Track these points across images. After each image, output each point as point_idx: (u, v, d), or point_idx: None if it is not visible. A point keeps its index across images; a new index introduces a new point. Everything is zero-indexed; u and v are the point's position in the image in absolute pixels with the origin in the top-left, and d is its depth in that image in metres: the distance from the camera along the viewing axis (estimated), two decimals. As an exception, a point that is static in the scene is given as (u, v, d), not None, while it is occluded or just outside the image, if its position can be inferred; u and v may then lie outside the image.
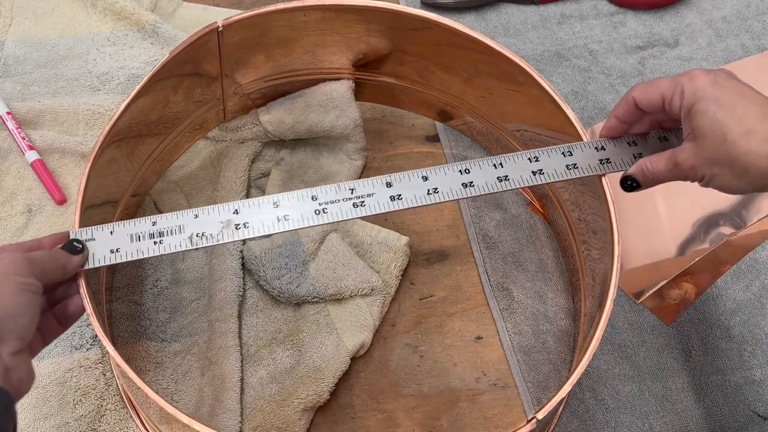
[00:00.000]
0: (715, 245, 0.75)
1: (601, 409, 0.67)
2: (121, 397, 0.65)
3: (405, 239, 0.71)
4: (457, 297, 0.71)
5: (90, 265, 0.53)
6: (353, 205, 0.56)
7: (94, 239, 0.53)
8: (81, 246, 0.52)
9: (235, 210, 0.55)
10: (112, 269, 0.69)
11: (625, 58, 0.87)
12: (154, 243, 0.54)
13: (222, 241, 0.54)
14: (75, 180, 0.75)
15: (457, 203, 0.76)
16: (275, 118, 0.75)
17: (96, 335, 0.66)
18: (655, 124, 0.59)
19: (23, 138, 0.75)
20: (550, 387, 0.67)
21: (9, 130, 0.76)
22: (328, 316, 0.68)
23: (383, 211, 0.56)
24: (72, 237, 0.53)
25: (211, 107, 0.74)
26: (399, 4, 0.75)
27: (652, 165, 0.55)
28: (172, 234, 0.54)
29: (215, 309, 0.68)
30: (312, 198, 0.56)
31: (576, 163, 0.58)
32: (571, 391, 0.54)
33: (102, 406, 0.64)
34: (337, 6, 0.67)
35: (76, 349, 0.66)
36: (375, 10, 0.68)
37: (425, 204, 0.56)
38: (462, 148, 0.80)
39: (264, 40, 0.70)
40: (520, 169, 0.58)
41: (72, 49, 0.83)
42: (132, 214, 0.72)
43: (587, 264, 0.67)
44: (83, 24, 0.85)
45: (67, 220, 0.73)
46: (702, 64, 0.87)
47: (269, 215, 0.55)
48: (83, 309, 0.52)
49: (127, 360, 0.55)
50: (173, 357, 0.67)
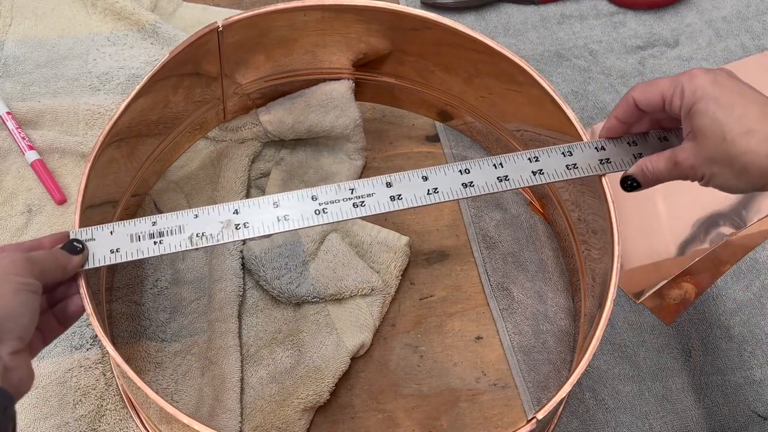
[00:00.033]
0: (715, 245, 0.75)
1: (601, 409, 0.67)
2: (121, 397, 0.65)
3: (405, 239, 0.71)
4: (457, 297, 0.71)
5: (90, 265, 0.53)
6: (353, 205, 0.56)
7: (94, 239, 0.53)
8: (81, 246, 0.52)
9: (235, 210, 0.55)
10: (112, 269, 0.69)
11: (625, 58, 0.87)
12: (154, 243, 0.54)
13: (222, 241, 0.54)
14: (75, 180, 0.75)
15: (457, 203, 0.76)
16: (275, 118, 0.75)
17: (96, 335, 0.66)
18: (655, 124, 0.59)
19: (23, 138, 0.75)
20: (550, 387, 0.67)
21: (9, 130, 0.76)
22: (328, 316, 0.68)
23: (383, 211, 0.56)
24: (72, 237, 0.53)
25: (211, 107, 0.74)
26: (399, 4, 0.75)
27: (652, 165, 0.55)
28: (172, 234, 0.54)
29: (215, 309, 0.68)
30: (312, 198, 0.56)
31: (576, 163, 0.58)
32: (571, 391, 0.54)
33: (102, 406, 0.64)
34: (337, 6, 0.67)
35: (76, 349, 0.66)
36: (375, 10, 0.68)
37: (425, 204, 0.56)
38: (462, 148, 0.80)
39: (264, 40, 0.70)
40: (520, 169, 0.58)
41: (72, 49, 0.83)
42: (132, 214, 0.72)
43: (587, 264, 0.67)
44: (83, 24, 0.85)
45: (67, 220, 0.73)
46: (702, 64, 0.87)
47: (269, 215, 0.55)
48: (83, 309, 0.52)
49: (127, 360, 0.55)
50: (173, 357, 0.67)
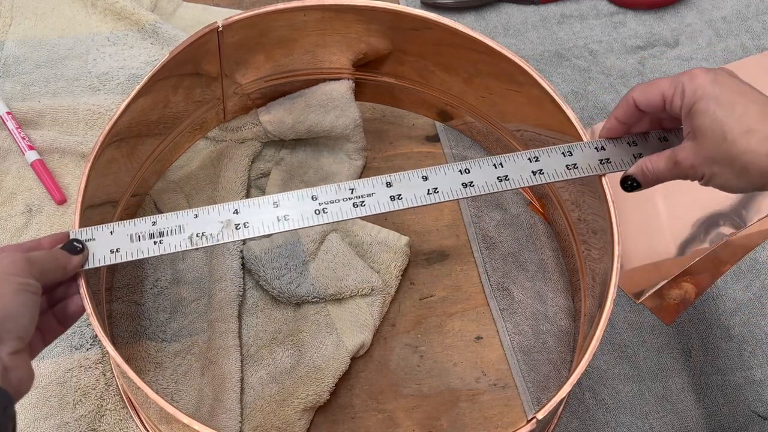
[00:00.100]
0: (715, 245, 0.75)
1: (601, 409, 0.67)
2: (121, 397, 0.65)
3: (405, 239, 0.71)
4: (457, 297, 0.71)
5: (90, 265, 0.53)
6: (353, 205, 0.56)
7: (94, 239, 0.53)
8: (81, 246, 0.52)
9: (235, 210, 0.55)
10: (112, 269, 0.69)
11: (625, 58, 0.87)
12: (154, 243, 0.54)
13: (222, 241, 0.54)
14: (75, 180, 0.75)
15: (457, 203, 0.76)
16: (275, 118, 0.75)
17: (96, 335, 0.66)
18: (655, 124, 0.59)
19: (23, 138, 0.75)
20: (550, 387, 0.67)
21: (9, 130, 0.76)
22: (328, 316, 0.68)
23: (383, 211, 0.56)
24: (72, 237, 0.53)
25: (211, 107, 0.74)
26: (399, 4, 0.75)
27: (652, 164, 0.55)
28: (172, 234, 0.54)
29: (215, 309, 0.68)
30: (312, 198, 0.56)
31: (576, 163, 0.58)
32: (571, 391, 0.54)
33: (102, 406, 0.64)
34: (337, 6, 0.67)
35: (76, 349, 0.66)
36: (375, 10, 0.67)
37: (425, 204, 0.56)
38: (462, 148, 0.80)
39: (264, 40, 0.70)
40: (520, 169, 0.58)
41: (72, 49, 0.83)
42: (132, 214, 0.72)
43: (587, 264, 0.67)
44: (83, 24, 0.85)
45: (67, 220, 0.73)
46: (702, 64, 0.87)
47: (269, 215, 0.55)
48: (83, 309, 0.52)
49: (127, 360, 0.55)
50: (173, 357, 0.67)
